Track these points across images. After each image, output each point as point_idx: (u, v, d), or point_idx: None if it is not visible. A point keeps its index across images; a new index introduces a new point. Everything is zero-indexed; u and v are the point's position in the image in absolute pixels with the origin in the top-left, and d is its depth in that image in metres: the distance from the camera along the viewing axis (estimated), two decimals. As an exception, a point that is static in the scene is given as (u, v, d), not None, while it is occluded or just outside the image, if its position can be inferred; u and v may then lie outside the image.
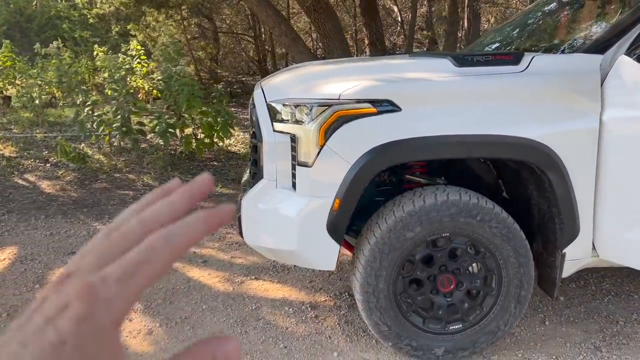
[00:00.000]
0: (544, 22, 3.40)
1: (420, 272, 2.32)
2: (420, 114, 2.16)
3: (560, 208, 2.22)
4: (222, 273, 3.33)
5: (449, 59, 2.31)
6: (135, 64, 7.61)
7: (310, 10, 7.22)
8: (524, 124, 2.16)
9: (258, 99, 2.48)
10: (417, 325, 2.36)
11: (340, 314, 2.82)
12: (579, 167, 2.19)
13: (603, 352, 2.46)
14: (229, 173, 6.12)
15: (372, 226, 2.29)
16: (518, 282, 2.32)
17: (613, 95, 2.16)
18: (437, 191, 2.26)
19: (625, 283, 3.16)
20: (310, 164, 2.20)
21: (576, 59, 2.28)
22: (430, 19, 15.17)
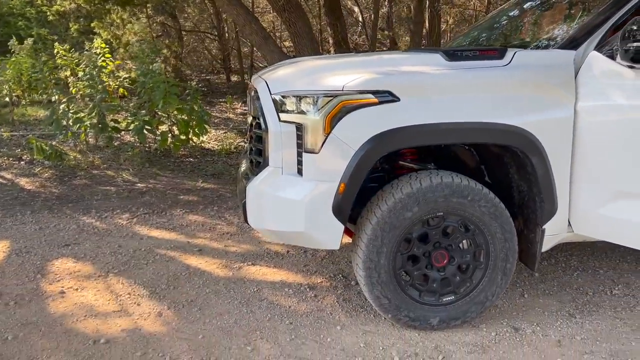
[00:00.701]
0: (517, 21, 3.69)
1: (417, 248, 2.54)
2: (417, 103, 2.37)
3: (540, 188, 2.48)
4: (219, 260, 3.47)
5: (440, 53, 2.53)
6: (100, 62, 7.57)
7: (282, 9, 7.36)
8: (509, 113, 2.40)
9: (262, 91, 2.63)
10: (414, 298, 2.58)
11: (338, 293, 3.01)
12: (556, 151, 2.46)
13: (577, 317, 2.75)
14: (207, 169, 6.21)
15: (373, 208, 2.49)
16: (504, 256, 2.57)
17: (585, 87, 2.43)
18: (431, 175, 2.48)
19: (591, 260, 3.48)
20: (317, 151, 2.38)
21: (552, 54, 2.54)
22: (391, 19, 15.53)
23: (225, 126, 8.88)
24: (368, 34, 14.96)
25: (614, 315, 2.77)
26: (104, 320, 2.70)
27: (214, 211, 4.55)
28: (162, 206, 4.65)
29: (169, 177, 5.75)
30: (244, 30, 7.93)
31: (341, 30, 10.11)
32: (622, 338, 2.55)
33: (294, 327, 2.66)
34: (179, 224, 4.20)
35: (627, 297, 2.96)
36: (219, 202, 4.83)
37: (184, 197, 4.96)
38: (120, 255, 3.54)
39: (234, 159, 6.74)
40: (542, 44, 2.85)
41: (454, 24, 14.94)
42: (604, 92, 2.40)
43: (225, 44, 14.25)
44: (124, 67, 11.45)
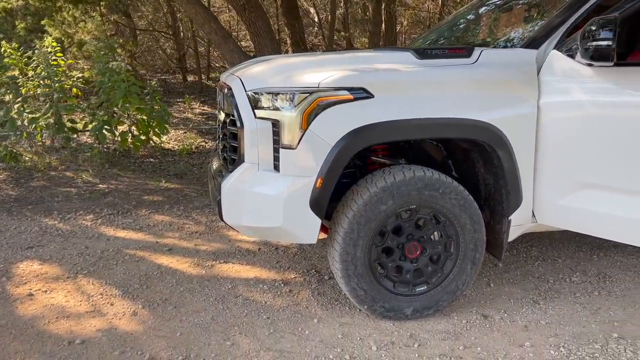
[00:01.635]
0: (477, 22, 3.83)
1: (391, 241, 2.62)
2: (390, 100, 2.44)
3: (506, 180, 2.61)
4: (190, 259, 3.45)
5: (411, 52, 2.62)
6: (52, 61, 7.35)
7: (243, 9, 7.34)
8: (477, 109, 2.51)
9: (237, 88, 2.65)
10: (389, 289, 2.66)
11: (312, 288, 3.06)
12: (521, 145, 2.59)
13: (540, 304, 2.89)
14: (169, 169, 6.14)
15: (349, 202, 2.55)
16: (473, 246, 2.68)
17: (547, 84, 2.57)
18: (404, 169, 2.56)
19: (550, 250, 3.66)
20: (294, 147, 2.42)
21: (516, 53, 2.67)
22: (347, 20, 15.69)
23: (184, 126, 8.77)
24: (325, 34, 15.08)
25: (574, 300, 2.94)
26: (77, 321, 2.65)
27: (180, 211, 4.51)
28: (126, 207, 4.57)
29: (131, 177, 5.65)
30: (203, 30, 7.85)
31: (299, 31, 10.16)
32: (583, 321, 2.71)
33: (272, 321, 2.69)
34: (146, 224, 4.14)
35: (585, 284, 3.14)
36: (185, 201, 4.79)
37: (148, 198, 4.89)
38: (87, 256, 3.47)
39: (195, 159, 6.68)
40: (505, 43, 2.99)
41: (408, 25, 15.23)
42: (564, 89, 2.54)
43: (181, 44, 14.04)
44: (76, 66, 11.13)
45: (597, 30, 2.24)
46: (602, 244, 3.67)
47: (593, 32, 2.26)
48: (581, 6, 2.71)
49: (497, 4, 3.76)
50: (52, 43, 7.50)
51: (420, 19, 14.40)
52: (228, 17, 15.80)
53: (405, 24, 15.17)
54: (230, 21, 15.96)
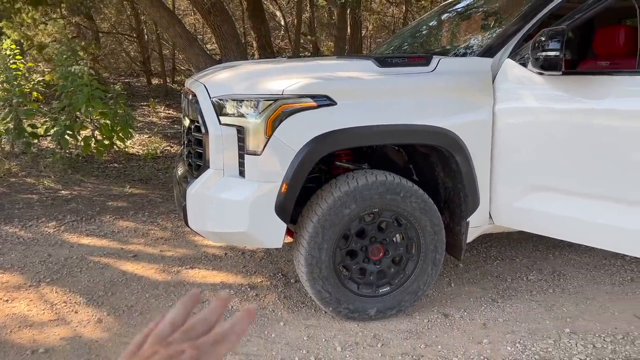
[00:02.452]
0: (436, 31, 3.96)
1: (354, 244, 2.69)
2: (352, 107, 2.51)
3: (464, 184, 2.71)
4: (156, 265, 3.45)
5: (372, 60, 2.70)
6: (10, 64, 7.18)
7: (208, 13, 7.33)
8: (436, 115, 2.61)
9: (201, 95, 2.68)
10: (353, 291, 2.72)
11: (279, 291, 3.10)
12: (478, 150, 2.70)
13: (499, 302, 3.01)
14: (133, 174, 6.08)
15: (314, 207, 2.61)
16: (433, 248, 2.78)
17: (501, 91, 2.69)
18: (367, 174, 2.64)
19: (508, 250, 3.80)
20: (259, 153, 2.47)
21: (472, 61, 2.79)
22: (313, 24, 15.79)
23: (149, 130, 8.67)
24: (291, 38, 15.13)
25: (531, 298, 3.06)
26: (41, 330, 2.63)
27: (145, 216, 4.48)
28: (90, 213, 4.51)
29: (94, 183, 5.57)
30: (168, 33, 7.80)
31: (265, 34, 10.18)
32: (538, 318, 2.83)
33: (238, 325, 2.71)
34: (110, 231, 4.11)
35: (541, 282, 3.28)
36: (150, 207, 4.76)
37: (113, 203, 4.84)
38: (50, 264, 3.42)
39: (161, 164, 6.63)
40: (462, 51, 3.10)
41: (373, 30, 15.43)
42: (518, 96, 2.66)
43: (145, 46, 13.87)
44: (36, 69, 10.87)
45: (546, 41, 2.36)
46: (557, 244, 3.82)
47: (542, 43, 2.38)
48: (534, 16, 2.85)
49: (457, 12, 3.89)
50: (11, 45, 7.33)
51: (385, 23, 14.61)
52: (193, 20, 15.70)
53: (370, 28, 15.36)
54: (195, 24, 15.85)
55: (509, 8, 3.26)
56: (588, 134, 2.49)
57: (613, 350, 2.51)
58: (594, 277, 3.34)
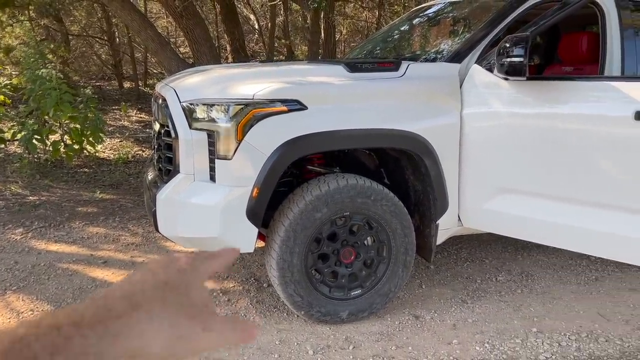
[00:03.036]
0: (406, 36, 4.01)
1: (326, 247, 2.70)
2: (322, 112, 2.53)
3: (434, 187, 2.75)
4: (127, 271, 3.40)
5: (343, 65, 2.73)
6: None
7: (180, 16, 7.28)
8: (405, 120, 2.65)
9: (171, 99, 2.67)
10: (325, 294, 2.74)
11: (251, 296, 3.09)
12: (446, 153, 2.74)
13: (468, 303, 3.06)
14: (104, 179, 5.99)
15: (285, 210, 2.62)
16: (404, 250, 2.81)
17: (469, 95, 2.75)
18: (338, 177, 2.66)
19: (478, 251, 3.86)
20: (230, 157, 2.46)
21: (440, 66, 2.84)
22: (287, 28, 15.80)
23: (120, 134, 8.56)
24: (265, 42, 15.11)
25: (499, 299, 3.12)
26: (6, 339, 2.56)
27: (116, 222, 4.42)
28: (58, 219, 4.43)
29: (64, 188, 5.47)
30: (140, 37, 7.72)
31: (239, 38, 10.15)
32: (507, 318, 2.89)
33: (210, 330, 2.70)
34: (80, 237, 4.04)
35: (509, 283, 3.34)
36: (121, 212, 4.70)
37: (82, 209, 4.76)
38: (17, 271, 3.35)
39: (132, 168, 6.55)
40: (431, 56, 3.16)
41: (347, 34, 15.52)
42: (485, 101, 2.72)
43: (117, 49, 13.69)
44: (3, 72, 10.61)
45: (511, 47, 2.42)
46: (526, 245, 3.90)
47: (507, 49, 2.44)
48: (500, 22, 2.93)
49: (428, 18, 3.95)
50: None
51: (358, 28, 14.71)
52: (166, 23, 15.56)
53: (344, 33, 15.45)
54: (168, 27, 15.70)
55: (477, 14, 3.33)
56: (552, 137, 2.56)
57: (578, 348, 2.58)
58: (561, 277, 3.42)
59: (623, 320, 2.87)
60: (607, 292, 3.20)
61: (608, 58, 3.04)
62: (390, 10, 13.33)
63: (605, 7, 3.04)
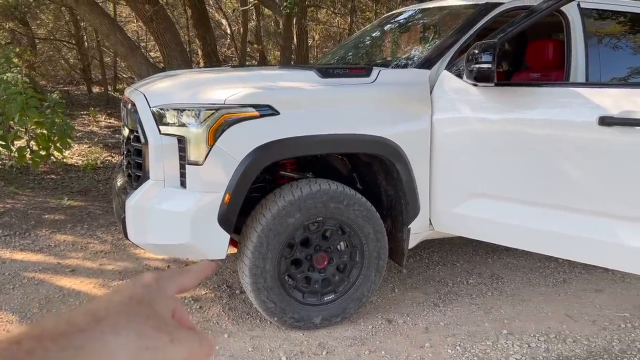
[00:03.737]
0: (377, 42, 4.05)
1: (299, 253, 2.69)
2: (295, 117, 2.53)
3: (405, 191, 2.78)
4: (95, 280, 3.33)
5: (315, 71, 2.73)
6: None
7: (150, 20, 7.19)
8: (376, 125, 2.67)
9: (140, 104, 2.63)
10: (298, 300, 2.73)
11: (223, 303, 3.06)
12: (417, 158, 2.77)
13: (440, 306, 3.09)
14: (72, 186, 5.86)
15: (258, 216, 2.60)
16: (377, 254, 2.82)
17: (439, 101, 2.78)
18: (310, 182, 2.66)
19: (449, 255, 3.91)
20: (200, 163, 2.44)
21: (411, 72, 2.87)
22: (259, 33, 15.77)
23: (89, 140, 8.39)
24: (237, 46, 15.06)
25: (470, 301, 3.16)
26: (-32, 352, 2.48)
27: (84, 229, 4.33)
28: (24, 227, 4.31)
29: (30, 195, 5.33)
30: (109, 41, 7.60)
31: (210, 42, 10.09)
32: (478, 320, 2.93)
33: (181, 339, 2.66)
34: (46, 245, 3.94)
35: (480, 285, 3.39)
36: (89, 219, 4.60)
37: (49, 216, 4.64)
38: (-20, 281, 3.25)
39: (101, 174, 6.43)
40: (402, 63, 3.19)
41: (320, 40, 15.58)
42: (454, 106, 2.76)
43: (85, 54, 13.44)
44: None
45: (479, 53, 2.46)
46: (496, 248, 3.97)
47: (476, 56, 2.48)
48: (469, 30, 2.98)
49: (399, 24, 3.99)
50: (-62, 51, 6.93)
51: (331, 33, 14.78)
52: (136, 27, 15.36)
53: (317, 38, 15.51)
54: (138, 31, 15.51)
55: (447, 21, 3.38)
56: (519, 142, 2.61)
57: (546, 349, 2.63)
58: (530, 279, 3.49)
59: (590, 320, 2.93)
60: (574, 294, 3.27)
61: (573, 65, 3.12)
62: (362, 16, 13.44)
63: (570, 15, 3.13)
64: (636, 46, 3.50)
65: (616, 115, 2.33)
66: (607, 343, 2.69)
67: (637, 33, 3.52)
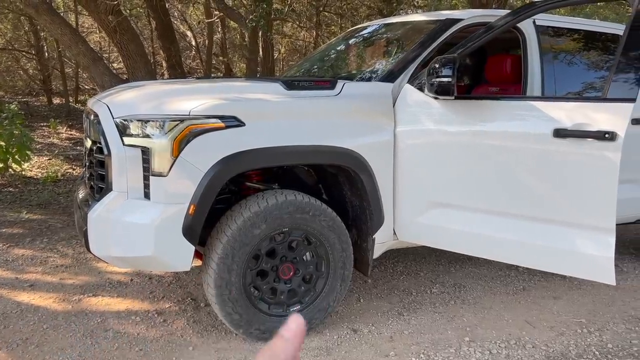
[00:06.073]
0: (343, 56, 4.11)
1: (265, 264, 2.70)
2: (260, 128, 2.55)
3: (370, 202, 2.82)
4: (55, 294, 3.24)
5: (280, 83, 2.76)
6: None
7: (114, 31, 7.11)
8: (341, 137, 2.71)
9: (103, 115, 2.60)
10: (264, 311, 2.72)
11: (188, 316, 3.03)
12: (381, 169, 2.82)
13: (404, 315, 3.13)
14: (31, 199, 5.70)
15: (223, 228, 2.59)
16: (342, 264, 2.85)
17: (401, 114, 2.84)
18: (276, 193, 2.67)
19: (413, 264, 3.97)
20: (165, 174, 2.42)
21: (374, 85, 2.93)
22: (225, 45, 15.75)
23: (49, 152, 8.19)
24: (202, 58, 14.99)
25: (434, 310, 3.22)
26: None
27: (44, 243, 4.21)
28: (-21, 241, 4.17)
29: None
30: (70, 51, 7.48)
31: (175, 54, 10.03)
32: (441, 328, 2.98)
33: (144, 352, 2.62)
34: (3, 259, 3.81)
35: (443, 294, 3.45)
36: (49, 233, 4.49)
37: (7, 230, 4.50)
38: None
39: (62, 187, 6.27)
40: (366, 76, 3.25)
41: (285, 53, 15.66)
42: (416, 118, 2.83)
43: (46, 64, 13.15)
44: None
45: (440, 67, 2.54)
46: (458, 257, 4.05)
47: (436, 69, 2.56)
48: (431, 44, 3.07)
49: (363, 38, 4.06)
50: None
51: (297, 47, 14.88)
52: (99, 38, 15.13)
53: (283, 51, 15.58)
54: (101, 42, 15.28)
55: (410, 36, 3.46)
56: (479, 153, 2.69)
57: (507, 355, 2.69)
58: (491, 288, 3.57)
59: (548, 326, 3.02)
60: (533, 301, 3.37)
61: (530, 79, 3.25)
62: (328, 30, 13.60)
63: (527, 32, 3.26)
64: (589, 62, 3.66)
65: (569, 128, 2.44)
66: (564, 348, 2.78)
67: (589, 49, 3.68)
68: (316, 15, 12.39)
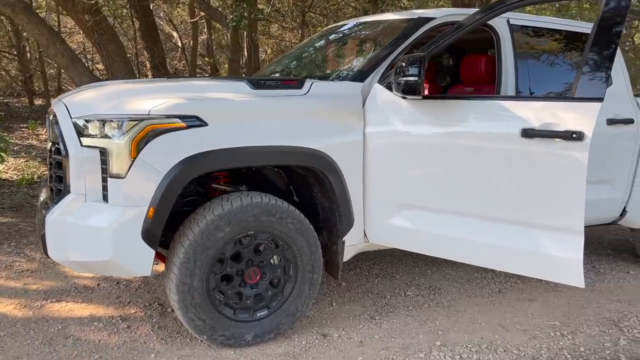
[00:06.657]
0: (316, 55, 4.04)
1: (230, 268, 2.62)
2: (224, 128, 2.47)
3: (339, 204, 2.75)
4: (17, 300, 3.15)
5: (246, 82, 2.69)
6: None
7: (92, 31, 7.00)
8: (309, 137, 2.64)
9: (61, 115, 2.52)
10: (228, 317, 2.65)
11: (153, 322, 2.94)
12: (351, 170, 2.75)
13: (377, 319, 3.07)
14: (3, 201, 5.58)
15: (185, 231, 2.51)
16: (310, 268, 2.78)
17: (371, 114, 2.78)
18: (242, 195, 2.59)
19: (389, 267, 3.91)
20: (123, 176, 2.34)
21: (344, 85, 2.86)
22: (211, 46, 15.65)
23: (26, 154, 8.06)
24: (188, 59, 14.88)
25: (407, 313, 3.16)
26: None
27: (11, 247, 4.11)
28: (-56, 245, 4.06)
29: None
30: (49, 51, 7.34)
31: (159, 55, 9.93)
32: (412, 332, 2.92)
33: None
34: (-33, 264, 3.71)
35: (418, 297, 3.39)
36: (18, 237, 4.38)
37: None
38: None
39: (36, 190, 6.16)
40: (336, 75, 3.19)
41: (272, 54, 15.58)
42: (386, 119, 2.77)
43: (27, 65, 12.97)
44: None
45: (407, 66, 2.48)
46: (434, 260, 4.00)
47: (403, 68, 2.50)
48: (402, 43, 3.01)
49: (337, 37, 4.00)
50: None
51: (282, 47, 14.80)
52: (82, 38, 14.95)
53: (269, 52, 15.50)
54: (84, 42, 15.11)
55: (384, 34, 3.40)
56: (448, 154, 2.64)
57: (477, 359, 2.64)
58: (467, 290, 3.52)
59: (521, 330, 2.97)
60: (508, 304, 3.32)
61: (504, 79, 3.21)
62: (314, 31, 13.54)
63: (500, 31, 3.22)
64: (563, 61, 3.63)
65: (537, 128, 2.39)
66: (535, 352, 2.73)
67: (564, 49, 3.65)
68: (302, 16, 12.32)
